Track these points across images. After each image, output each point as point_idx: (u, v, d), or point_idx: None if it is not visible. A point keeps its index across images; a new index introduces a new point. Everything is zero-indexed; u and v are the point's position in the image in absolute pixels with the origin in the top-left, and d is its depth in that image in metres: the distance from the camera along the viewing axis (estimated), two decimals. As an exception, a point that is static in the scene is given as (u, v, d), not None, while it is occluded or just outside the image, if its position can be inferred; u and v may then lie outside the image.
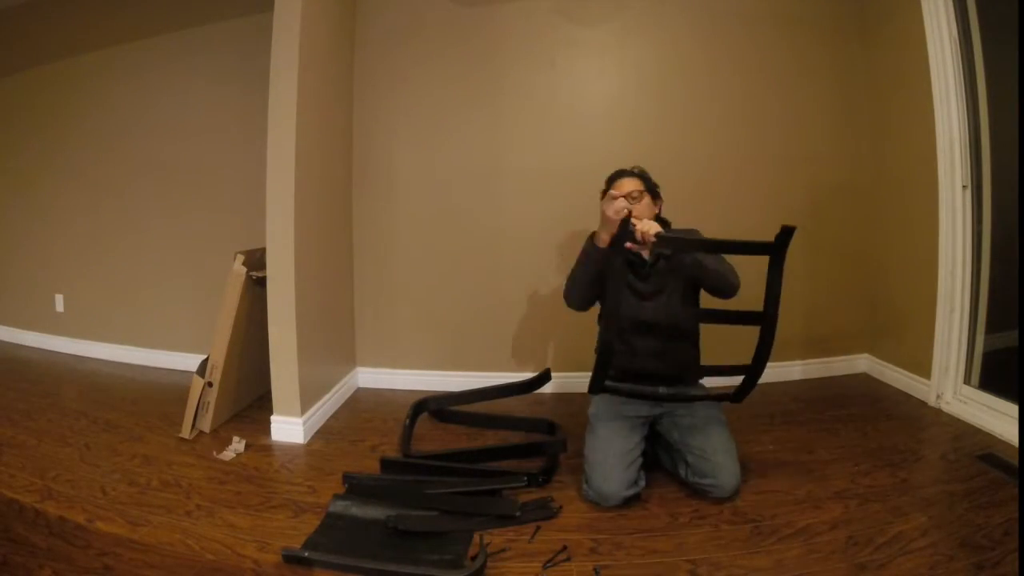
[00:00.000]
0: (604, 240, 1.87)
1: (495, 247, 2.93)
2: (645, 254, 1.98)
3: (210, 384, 2.42)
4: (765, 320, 1.67)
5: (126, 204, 3.32)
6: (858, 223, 2.95)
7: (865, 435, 2.29)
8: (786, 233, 1.55)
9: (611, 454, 1.85)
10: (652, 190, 2.01)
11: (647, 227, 1.73)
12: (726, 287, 1.85)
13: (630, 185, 1.96)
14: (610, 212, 1.82)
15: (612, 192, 1.94)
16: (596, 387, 1.86)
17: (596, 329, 1.98)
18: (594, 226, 2.86)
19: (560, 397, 2.84)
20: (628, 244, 1.72)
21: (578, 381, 2.89)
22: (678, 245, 1.89)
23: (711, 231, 2.84)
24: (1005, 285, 2.38)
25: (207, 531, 1.72)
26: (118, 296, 3.40)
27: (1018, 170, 2.11)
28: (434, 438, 2.42)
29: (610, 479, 1.80)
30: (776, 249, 1.60)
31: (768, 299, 1.65)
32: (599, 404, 2.04)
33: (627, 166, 2.07)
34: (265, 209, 2.33)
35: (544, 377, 2.57)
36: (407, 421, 2.38)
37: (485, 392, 2.56)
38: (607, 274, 1.77)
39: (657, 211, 2.01)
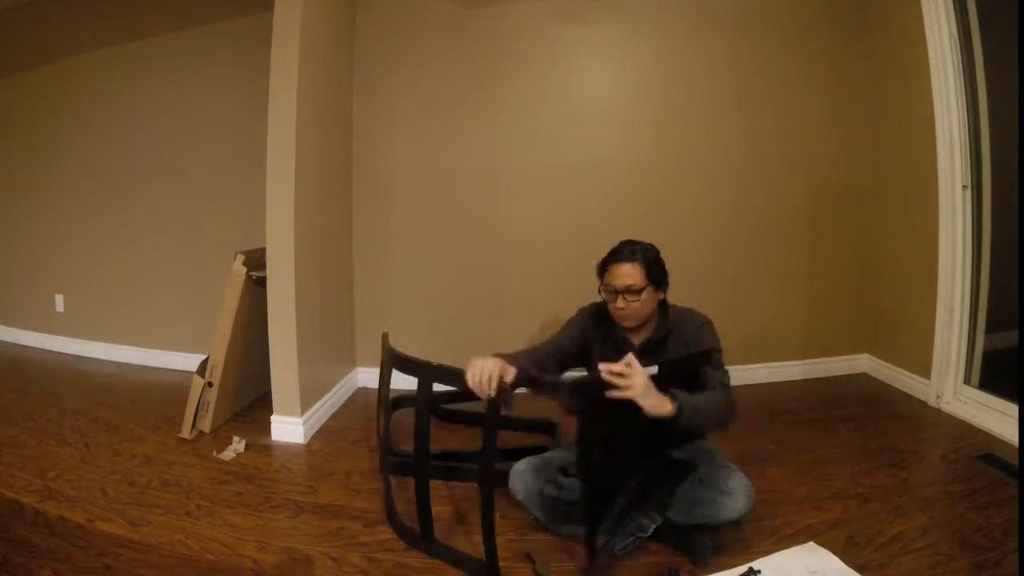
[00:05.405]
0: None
1: (495, 246, 2.93)
2: (635, 340, 1.69)
3: (210, 384, 2.41)
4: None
5: (126, 204, 3.32)
6: (858, 223, 2.95)
7: (865, 435, 2.29)
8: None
9: None
10: (656, 278, 1.65)
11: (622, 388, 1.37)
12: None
13: (627, 278, 1.62)
14: (474, 388, 1.48)
15: (472, 377, 1.47)
16: None
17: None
18: (594, 222, 2.89)
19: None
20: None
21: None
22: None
23: (710, 231, 2.89)
24: (1005, 285, 2.38)
25: (207, 531, 1.72)
26: (118, 296, 3.40)
27: (1018, 170, 2.11)
28: (433, 438, 2.40)
29: None
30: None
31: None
32: None
33: (635, 236, 1.70)
34: (265, 209, 2.33)
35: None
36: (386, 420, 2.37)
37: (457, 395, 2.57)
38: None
39: (660, 298, 1.70)
